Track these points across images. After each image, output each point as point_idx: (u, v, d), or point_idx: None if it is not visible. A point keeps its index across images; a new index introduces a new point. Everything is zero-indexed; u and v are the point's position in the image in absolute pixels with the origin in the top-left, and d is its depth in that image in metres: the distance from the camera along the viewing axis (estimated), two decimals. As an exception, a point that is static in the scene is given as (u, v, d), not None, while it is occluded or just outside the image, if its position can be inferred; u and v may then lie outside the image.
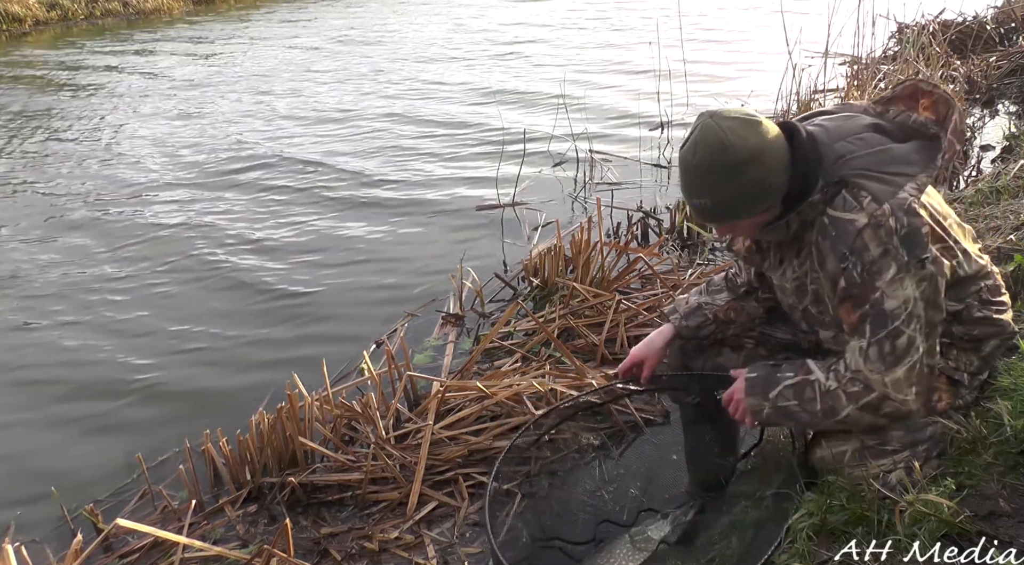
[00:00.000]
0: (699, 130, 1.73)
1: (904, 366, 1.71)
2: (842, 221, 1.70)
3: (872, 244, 1.66)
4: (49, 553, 2.64)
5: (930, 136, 1.76)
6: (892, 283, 1.67)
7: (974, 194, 3.85)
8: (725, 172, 1.69)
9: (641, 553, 2.11)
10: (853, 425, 1.82)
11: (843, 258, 1.70)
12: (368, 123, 7.83)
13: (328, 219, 5.45)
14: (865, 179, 1.70)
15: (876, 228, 1.66)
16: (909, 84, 1.82)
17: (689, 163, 1.74)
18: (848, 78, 6.38)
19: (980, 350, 1.92)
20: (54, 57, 12.76)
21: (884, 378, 1.72)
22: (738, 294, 2.20)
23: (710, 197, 1.74)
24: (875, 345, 1.70)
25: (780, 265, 1.95)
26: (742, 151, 1.67)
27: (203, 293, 4.53)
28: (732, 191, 1.72)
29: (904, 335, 1.68)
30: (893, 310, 1.68)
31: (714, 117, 1.72)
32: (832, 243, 1.72)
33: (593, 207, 4.49)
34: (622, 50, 10.42)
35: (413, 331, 3.89)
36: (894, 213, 1.66)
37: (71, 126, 8.46)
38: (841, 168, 1.73)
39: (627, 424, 2.81)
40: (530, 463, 2.61)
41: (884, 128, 1.79)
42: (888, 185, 1.69)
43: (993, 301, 1.90)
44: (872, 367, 1.72)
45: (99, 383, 3.74)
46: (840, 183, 1.72)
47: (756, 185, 1.71)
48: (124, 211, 5.85)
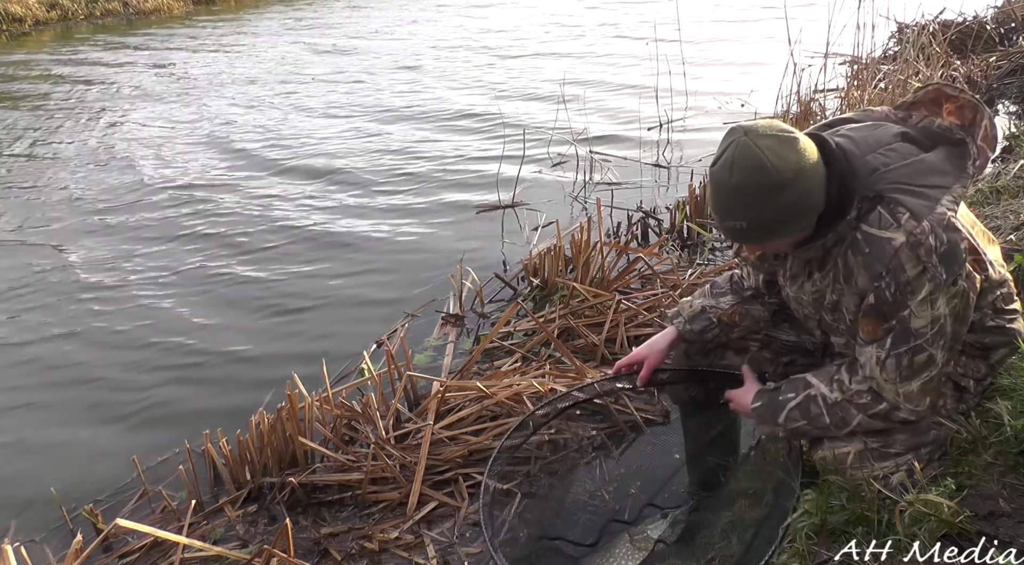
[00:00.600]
0: (734, 148, 1.62)
1: (920, 380, 1.70)
2: (878, 239, 1.64)
3: (909, 264, 1.61)
4: (49, 553, 2.64)
5: (955, 141, 1.71)
6: (923, 303, 1.63)
7: (974, 194, 3.85)
8: (765, 194, 1.61)
9: (640, 552, 2.11)
10: (865, 430, 1.81)
11: (878, 277, 1.65)
12: (368, 124, 7.83)
13: (328, 219, 5.45)
14: (902, 193, 1.64)
15: (915, 247, 1.61)
16: (932, 89, 1.77)
17: (726, 184, 1.64)
18: (848, 78, 6.37)
19: (988, 358, 1.90)
20: (54, 57, 12.76)
21: (898, 388, 1.71)
22: (743, 297, 2.16)
23: (747, 219, 1.66)
24: (893, 357, 1.68)
25: (798, 278, 1.90)
26: (783, 172, 1.59)
27: (203, 293, 4.53)
28: (771, 213, 1.64)
29: (926, 352, 1.67)
30: (919, 329, 1.65)
31: (749, 134, 1.61)
32: (866, 260, 1.67)
33: (593, 207, 4.49)
34: (622, 50, 10.41)
35: (413, 331, 3.89)
36: (934, 230, 1.61)
37: (71, 126, 8.46)
38: (876, 182, 1.66)
39: (627, 424, 2.81)
40: (530, 463, 2.62)
41: (912, 136, 1.73)
42: (925, 200, 1.63)
43: (1006, 309, 1.86)
44: (887, 376, 1.70)
45: (99, 383, 3.75)
46: (876, 198, 1.66)
47: (795, 206, 1.64)
48: (122, 212, 5.85)
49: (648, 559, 2.10)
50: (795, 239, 1.74)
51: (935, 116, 1.75)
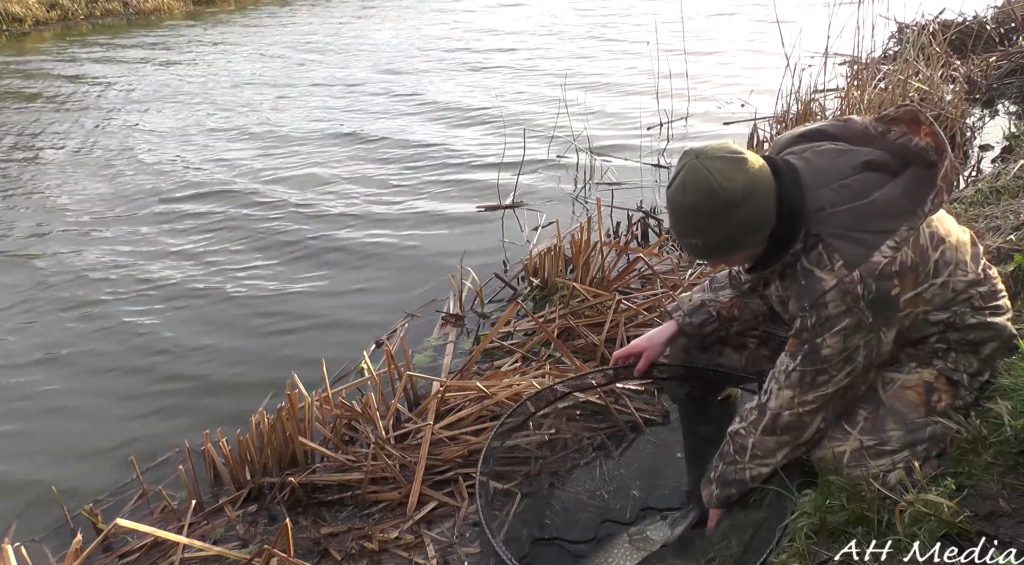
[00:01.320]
0: (685, 171, 1.71)
1: (816, 392, 1.81)
2: (812, 276, 1.73)
3: (832, 305, 1.71)
4: (49, 553, 2.64)
5: (928, 164, 1.73)
6: (835, 336, 1.73)
7: (974, 194, 3.85)
8: (716, 214, 1.69)
9: (639, 553, 2.11)
10: (765, 454, 1.92)
11: (803, 309, 1.76)
12: (367, 124, 7.83)
13: (328, 220, 5.45)
14: (840, 239, 1.70)
15: (843, 293, 1.69)
16: (910, 109, 1.79)
17: (679, 205, 1.73)
18: (848, 78, 6.37)
19: (979, 352, 1.93)
20: (53, 57, 12.76)
21: (795, 397, 1.83)
22: (742, 291, 2.19)
23: (702, 238, 1.75)
24: (797, 372, 1.80)
25: (769, 282, 1.98)
26: (731, 192, 1.67)
27: (203, 294, 4.53)
28: (724, 231, 1.73)
29: (827, 374, 1.79)
30: (826, 356, 1.76)
31: (700, 157, 1.70)
32: (798, 291, 1.78)
33: (593, 207, 4.49)
34: (622, 50, 10.42)
35: (413, 331, 3.89)
36: (863, 280, 1.68)
37: (67, 128, 8.46)
38: (819, 223, 1.73)
39: (627, 424, 2.81)
40: (530, 463, 2.61)
41: (877, 163, 1.76)
42: (863, 247, 1.68)
43: (986, 306, 1.90)
44: (789, 384, 1.83)
45: (98, 384, 3.75)
46: (818, 240, 1.73)
47: (746, 223, 1.72)
48: (121, 212, 5.85)
49: (647, 559, 2.10)
50: (750, 254, 1.84)
51: (914, 134, 1.76)
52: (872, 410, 1.90)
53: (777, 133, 5.66)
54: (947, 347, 1.92)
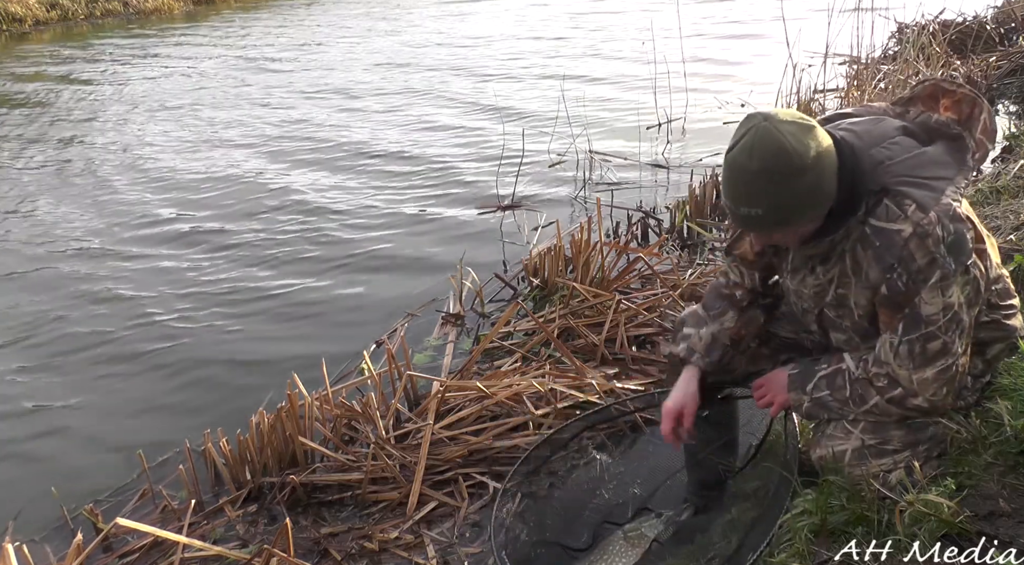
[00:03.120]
0: (754, 133, 1.61)
1: (935, 368, 1.70)
2: (887, 231, 1.66)
3: (919, 254, 1.63)
4: (49, 552, 2.64)
5: (952, 136, 1.72)
6: (933, 290, 1.65)
7: (974, 194, 3.85)
8: (785, 178, 1.61)
9: (635, 549, 2.11)
10: (884, 416, 1.81)
11: (889, 268, 1.67)
12: (366, 124, 7.83)
13: (328, 220, 5.45)
14: (908, 186, 1.66)
15: (923, 238, 1.62)
16: (930, 84, 1.78)
17: (745, 169, 1.63)
18: (848, 78, 6.37)
19: (985, 354, 1.91)
20: (52, 57, 12.76)
21: (912, 376, 1.72)
22: (741, 308, 2.13)
23: (764, 205, 1.65)
24: (906, 344, 1.70)
25: (799, 271, 1.90)
26: (804, 156, 1.59)
27: (202, 294, 4.53)
28: (788, 198, 1.64)
29: (939, 340, 1.68)
30: (929, 316, 1.67)
31: (770, 120, 1.61)
32: (876, 253, 1.69)
33: (593, 207, 4.49)
34: (622, 50, 10.41)
35: (413, 331, 3.89)
36: (940, 221, 1.62)
37: (68, 127, 8.46)
38: (881, 175, 1.68)
39: (627, 424, 2.80)
40: (530, 463, 2.61)
41: (911, 130, 1.75)
42: (931, 191, 1.64)
43: (1002, 305, 1.87)
44: (901, 363, 1.72)
45: (98, 383, 3.75)
46: (882, 192, 1.67)
47: (811, 194, 1.64)
48: (121, 214, 5.85)
49: (646, 558, 2.10)
50: (804, 231, 1.73)
51: (932, 111, 1.76)
52: None
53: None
54: None
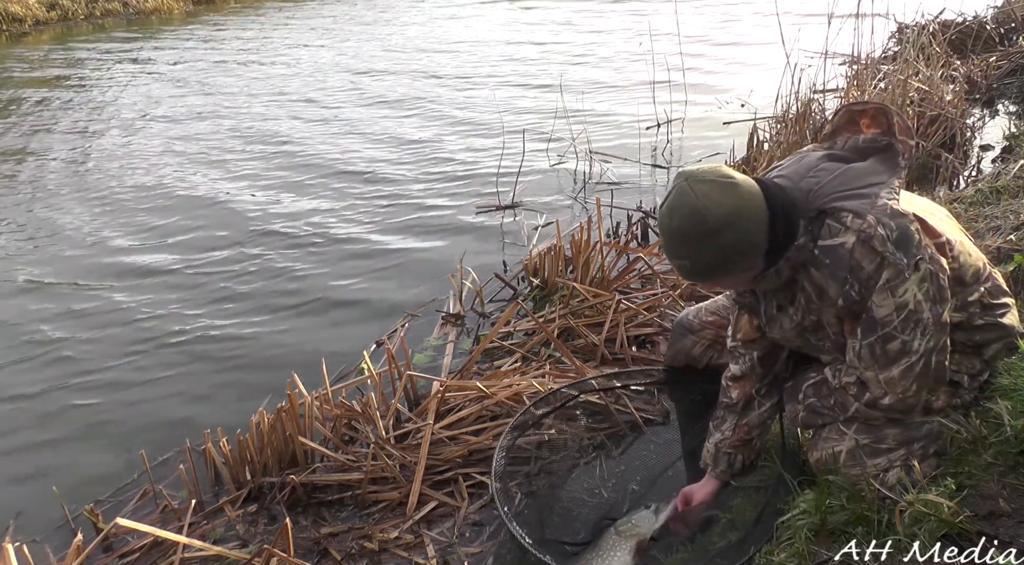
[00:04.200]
0: (675, 194, 1.72)
1: (899, 367, 1.74)
2: (832, 247, 1.72)
3: (865, 260, 1.68)
4: (49, 552, 2.64)
5: (883, 148, 1.79)
6: (882, 292, 1.69)
7: (974, 194, 3.85)
8: (701, 237, 1.69)
9: (627, 542, 2.11)
10: (870, 419, 1.85)
11: (843, 281, 1.72)
12: (366, 125, 7.83)
13: (328, 220, 5.45)
14: (840, 200, 1.72)
15: (867, 242, 1.67)
16: (844, 112, 1.86)
17: (666, 227, 1.74)
18: (848, 78, 6.37)
19: (982, 354, 1.92)
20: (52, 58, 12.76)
21: (879, 376, 1.77)
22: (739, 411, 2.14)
23: (689, 260, 1.75)
24: (866, 347, 1.75)
25: (776, 319, 1.95)
26: (717, 216, 1.67)
27: (202, 294, 4.53)
28: (709, 255, 1.71)
29: (896, 340, 1.71)
30: (883, 318, 1.70)
31: (689, 180, 1.71)
32: (830, 271, 1.74)
33: (593, 207, 4.49)
34: (621, 50, 10.41)
35: (413, 331, 3.89)
36: (880, 221, 1.67)
37: (68, 128, 8.46)
38: (814, 201, 1.75)
39: (627, 424, 2.80)
40: (530, 463, 2.62)
41: (838, 156, 1.83)
42: (864, 199, 1.71)
43: (995, 304, 1.89)
44: (865, 365, 1.77)
45: (99, 383, 3.75)
46: (820, 214, 1.74)
47: (733, 248, 1.71)
48: (118, 212, 5.85)
49: (643, 555, 2.10)
50: (744, 278, 1.82)
51: (856, 134, 1.84)
52: None
53: (777, 133, 5.66)
54: (951, 349, 1.88)
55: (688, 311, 2.44)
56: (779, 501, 1.96)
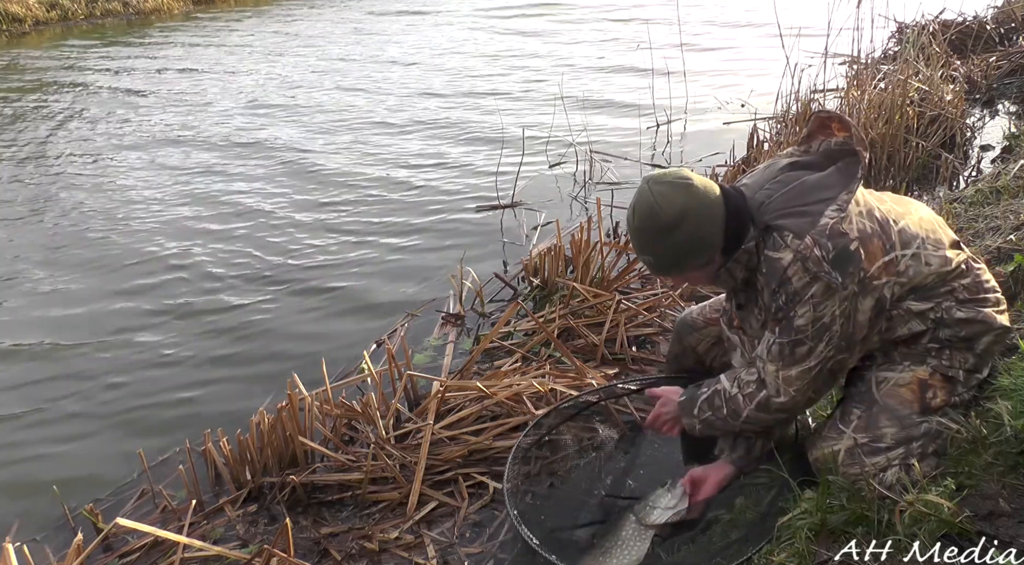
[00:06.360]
0: (636, 195, 1.89)
1: (800, 368, 1.87)
2: (772, 260, 1.84)
3: (795, 278, 1.80)
4: (49, 552, 2.64)
5: (850, 152, 1.89)
6: (804, 306, 1.80)
7: (974, 194, 3.86)
8: (656, 233, 1.86)
9: (649, 530, 2.12)
10: (755, 426, 2.03)
11: (772, 292, 1.85)
12: (367, 125, 7.83)
13: (328, 220, 5.45)
14: (784, 218, 1.84)
15: (803, 263, 1.78)
16: (815, 118, 1.97)
17: (630, 225, 1.92)
18: (848, 78, 6.37)
19: (974, 348, 1.94)
20: (51, 58, 12.76)
21: (779, 372, 1.90)
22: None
23: (650, 255, 1.92)
24: (777, 345, 1.89)
25: (742, 314, 2.04)
26: (670, 214, 1.82)
27: (202, 295, 4.53)
28: (667, 249, 1.87)
29: (805, 345, 1.85)
30: (799, 326, 1.83)
31: (648, 182, 1.87)
32: (766, 279, 1.87)
33: (593, 207, 4.49)
34: (621, 51, 10.41)
35: (413, 331, 3.89)
36: (817, 242, 1.77)
37: (67, 129, 8.46)
38: (763, 215, 1.88)
39: (627, 424, 2.80)
40: (530, 463, 2.62)
41: (801, 164, 1.94)
42: (806, 217, 1.81)
43: (973, 298, 1.93)
44: (771, 359, 1.91)
45: (99, 383, 3.75)
46: (767, 228, 1.86)
47: (687, 243, 1.86)
48: (117, 212, 5.85)
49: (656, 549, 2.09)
50: (705, 272, 1.95)
51: (829, 137, 1.94)
52: (866, 408, 1.92)
53: (777, 133, 5.66)
54: (940, 346, 1.93)
55: (691, 310, 2.45)
56: (783, 500, 1.96)
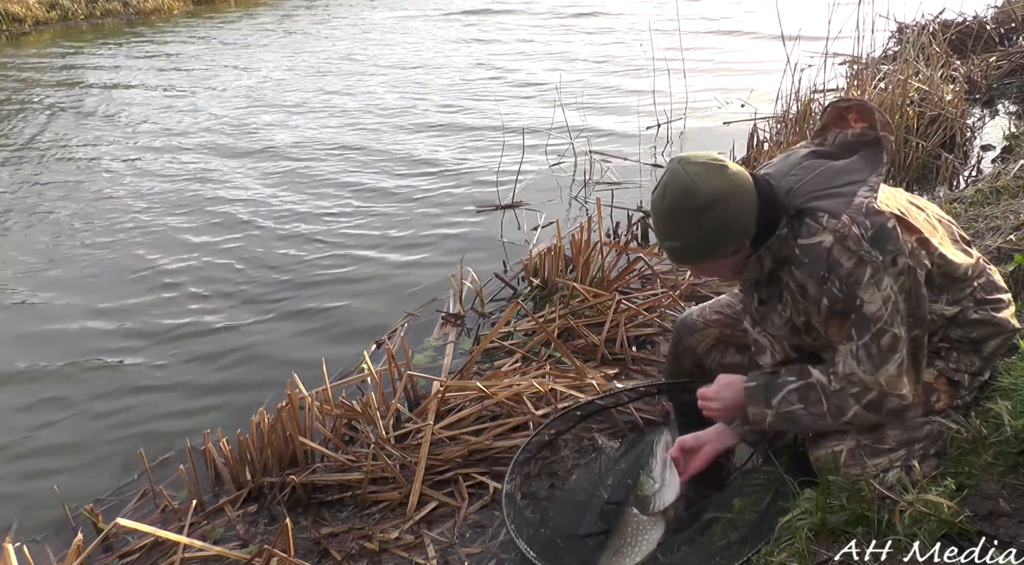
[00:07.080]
0: (668, 175, 1.80)
1: (894, 362, 1.76)
2: (811, 246, 1.76)
3: (843, 258, 1.72)
4: (50, 552, 2.64)
5: (871, 141, 1.83)
6: (868, 287, 1.71)
7: (974, 194, 3.85)
8: (690, 214, 1.76)
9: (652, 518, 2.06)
10: (860, 424, 1.84)
11: (822, 280, 1.75)
12: (367, 124, 7.82)
13: (328, 220, 5.45)
14: (817, 200, 1.78)
15: (843, 241, 1.72)
16: (832, 109, 1.91)
17: (659, 207, 1.82)
18: (848, 78, 6.37)
19: (981, 351, 1.93)
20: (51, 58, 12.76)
21: (878, 377, 1.77)
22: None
23: (679, 239, 1.81)
24: (863, 348, 1.76)
25: (767, 317, 1.96)
26: (706, 194, 1.74)
27: (202, 295, 4.53)
28: (698, 233, 1.78)
29: (888, 333, 1.74)
30: (874, 313, 1.73)
31: (682, 163, 1.79)
32: (809, 269, 1.78)
33: (593, 207, 4.49)
34: (621, 51, 10.41)
35: (413, 331, 3.89)
36: (854, 220, 1.72)
37: (67, 128, 8.46)
38: (793, 200, 1.81)
39: (627, 424, 2.80)
40: (530, 464, 2.61)
41: (822, 153, 1.88)
42: (840, 197, 1.75)
43: (989, 299, 1.92)
44: (865, 368, 1.77)
45: (99, 383, 3.75)
46: (799, 213, 1.80)
47: (721, 227, 1.77)
48: (117, 211, 5.85)
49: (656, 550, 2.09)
50: (731, 262, 1.86)
51: (846, 129, 1.89)
52: None
53: (777, 133, 5.66)
54: (949, 346, 1.92)
55: (691, 310, 2.43)
56: (783, 500, 1.96)
